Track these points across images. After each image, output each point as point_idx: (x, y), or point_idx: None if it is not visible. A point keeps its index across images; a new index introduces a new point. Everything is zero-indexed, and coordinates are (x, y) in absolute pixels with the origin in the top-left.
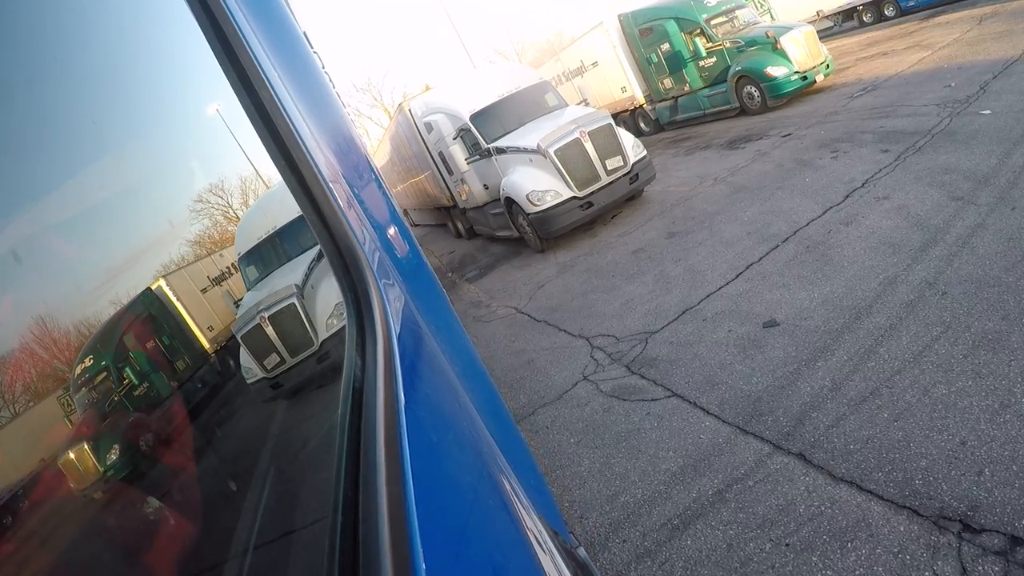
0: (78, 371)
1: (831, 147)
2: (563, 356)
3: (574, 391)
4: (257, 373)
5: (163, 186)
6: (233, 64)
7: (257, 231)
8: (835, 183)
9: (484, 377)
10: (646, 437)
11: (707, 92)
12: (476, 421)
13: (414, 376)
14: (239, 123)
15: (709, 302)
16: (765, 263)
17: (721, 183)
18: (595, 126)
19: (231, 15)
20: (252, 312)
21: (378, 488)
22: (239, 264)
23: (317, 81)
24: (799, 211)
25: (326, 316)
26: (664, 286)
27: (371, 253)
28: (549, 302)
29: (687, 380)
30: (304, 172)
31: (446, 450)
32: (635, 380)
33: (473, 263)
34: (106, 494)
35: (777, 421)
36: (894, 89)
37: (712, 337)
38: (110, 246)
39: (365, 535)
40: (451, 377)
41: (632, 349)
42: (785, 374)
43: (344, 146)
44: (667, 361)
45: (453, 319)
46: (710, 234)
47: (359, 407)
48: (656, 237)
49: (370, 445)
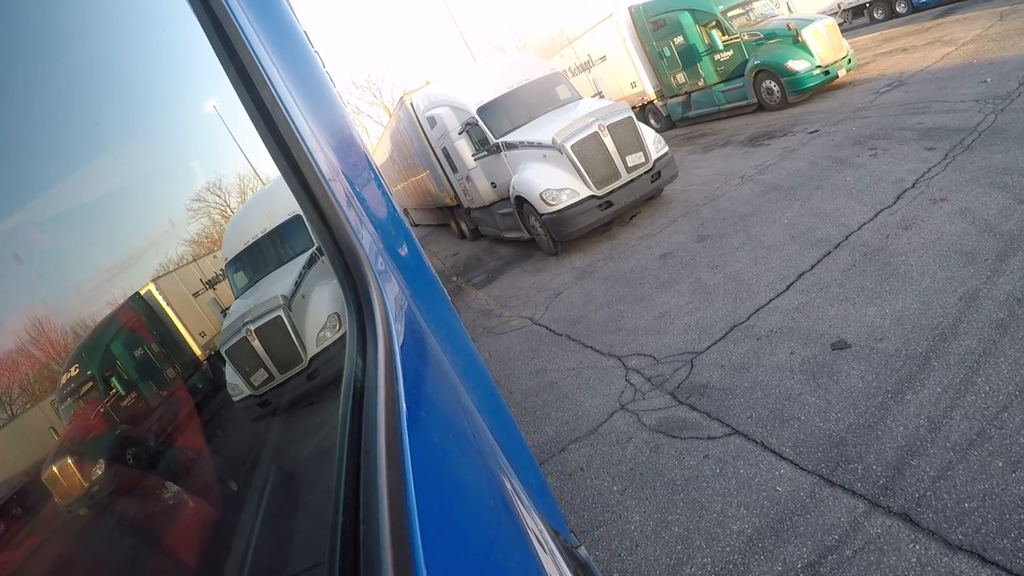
0: (63, 380)
1: (867, 144)
2: (593, 379)
3: (611, 423)
4: (244, 390)
5: (163, 185)
6: (234, 62)
7: (245, 235)
8: (881, 183)
9: (485, 377)
10: (708, 487)
11: (722, 87)
12: (477, 421)
13: (415, 376)
14: (240, 122)
15: (760, 317)
16: (819, 272)
17: (749, 182)
18: (615, 119)
19: (232, 13)
20: (238, 324)
21: (379, 488)
22: (226, 270)
23: (317, 80)
24: (846, 213)
25: (317, 329)
26: (703, 297)
27: (371, 252)
28: (569, 313)
29: (749, 414)
30: (304, 171)
31: (447, 450)
32: (684, 412)
33: (479, 266)
34: (91, 511)
35: (869, 470)
36: (924, 85)
37: (772, 360)
38: (111, 246)
39: (366, 535)
40: (452, 377)
41: (675, 373)
42: (870, 409)
43: (344, 144)
44: (720, 389)
45: (454, 318)
46: (747, 237)
47: (360, 407)
48: (684, 240)
49: (371, 445)
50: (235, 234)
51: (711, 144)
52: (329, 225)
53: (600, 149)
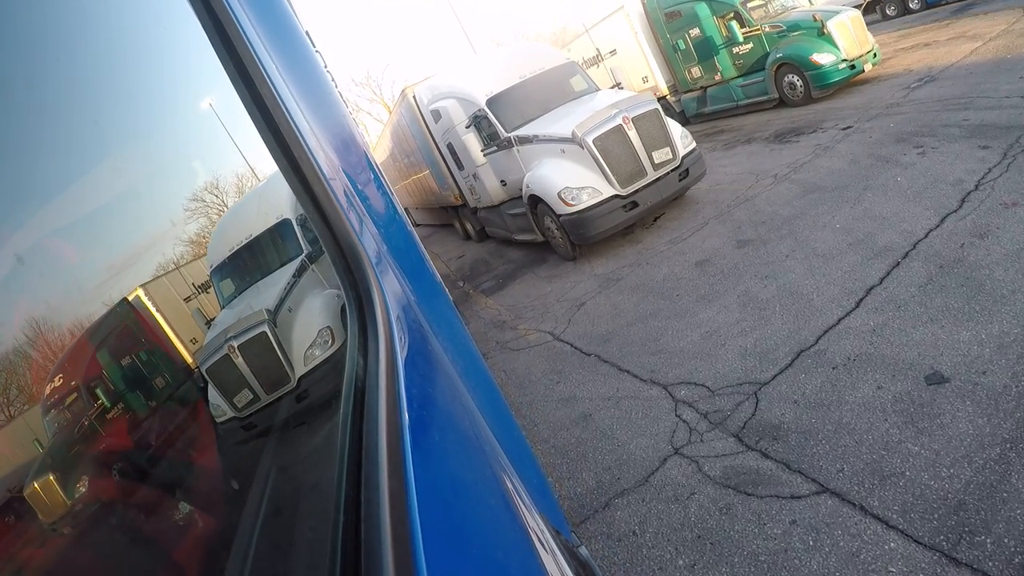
0: (47, 391)
1: (911, 142)
2: (635, 412)
3: (665, 473)
4: (227, 412)
5: (164, 185)
6: (234, 61)
7: (231, 240)
8: (938, 184)
9: (486, 375)
10: (803, 566)
11: (741, 81)
12: (478, 420)
13: (416, 375)
14: (240, 121)
15: (832, 341)
16: (891, 287)
17: (785, 181)
18: (640, 111)
19: (232, 13)
20: (219, 340)
21: (380, 487)
22: (212, 278)
23: (318, 79)
24: (907, 218)
25: (305, 347)
26: (757, 313)
27: (372, 251)
28: (597, 328)
29: (839, 466)
30: (305, 170)
31: (448, 449)
32: (756, 460)
33: (488, 271)
34: (75, 529)
35: (1000, 544)
36: (959, 80)
37: (855, 396)
38: (113, 246)
39: (367, 534)
40: (453, 375)
41: (738, 408)
42: (988, 463)
43: (345, 143)
44: (798, 432)
45: (455, 318)
46: (796, 244)
47: (361, 406)
48: (722, 246)
49: (372, 444)
50: (220, 239)
51: (732, 141)
52: (330, 224)
53: (624, 144)
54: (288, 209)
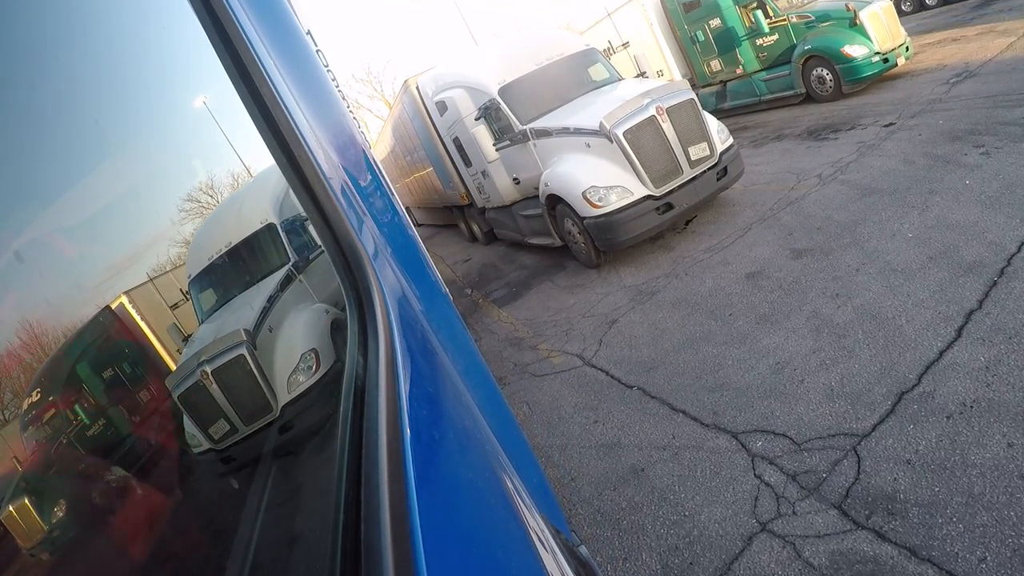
0: (25, 406)
1: (969, 140)
2: (699, 468)
3: (752, 557)
4: (203, 443)
5: (163, 185)
6: (234, 61)
7: (210, 247)
8: (1015, 189)
9: (486, 375)
10: None
11: (764, 75)
12: (478, 419)
13: (416, 373)
14: (240, 120)
15: (937, 379)
16: (995, 312)
17: (832, 182)
18: (675, 101)
19: (232, 13)
20: (192, 363)
21: (380, 487)
22: (190, 290)
23: (318, 77)
24: (991, 228)
25: (288, 372)
26: (835, 342)
27: (372, 250)
28: (636, 352)
29: (981, 553)
30: (305, 169)
31: (448, 448)
32: (870, 544)
33: (498, 278)
34: (54, 556)
35: None
36: (1002, 76)
37: (983, 456)
38: (113, 246)
39: (367, 534)
40: (453, 375)
41: (835, 469)
42: None
43: (345, 142)
44: (918, 504)
45: (455, 316)
46: (864, 255)
47: (361, 405)
48: (773, 255)
49: (372, 443)
50: (199, 246)
51: (760, 138)
52: (330, 222)
53: (658, 137)
54: (273, 213)
